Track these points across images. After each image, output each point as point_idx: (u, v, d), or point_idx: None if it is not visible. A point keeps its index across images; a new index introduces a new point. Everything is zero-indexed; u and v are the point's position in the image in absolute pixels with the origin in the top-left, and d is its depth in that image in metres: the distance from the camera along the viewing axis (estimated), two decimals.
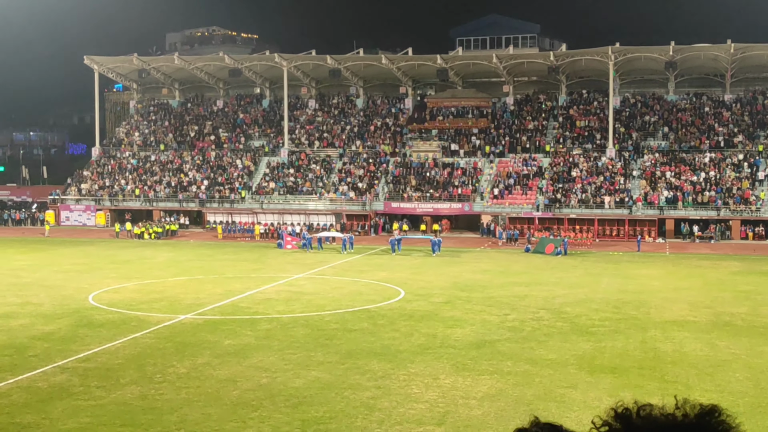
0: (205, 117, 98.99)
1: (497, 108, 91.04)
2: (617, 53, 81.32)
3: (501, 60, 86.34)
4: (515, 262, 56.96)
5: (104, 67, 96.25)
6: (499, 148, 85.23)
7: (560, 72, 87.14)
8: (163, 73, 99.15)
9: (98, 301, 39.31)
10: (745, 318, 35.09)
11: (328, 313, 35.95)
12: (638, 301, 39.53)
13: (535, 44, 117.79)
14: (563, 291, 42.85)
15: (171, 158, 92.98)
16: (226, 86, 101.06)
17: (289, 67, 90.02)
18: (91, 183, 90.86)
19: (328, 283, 46.25)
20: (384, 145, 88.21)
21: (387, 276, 48.75)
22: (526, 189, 78.88)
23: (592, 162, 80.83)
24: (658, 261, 57.88)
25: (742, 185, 74.83)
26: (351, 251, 62.09)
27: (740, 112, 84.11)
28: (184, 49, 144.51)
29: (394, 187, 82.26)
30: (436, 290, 42.99)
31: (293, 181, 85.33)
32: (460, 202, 78.99)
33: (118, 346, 29.31)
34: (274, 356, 27.61)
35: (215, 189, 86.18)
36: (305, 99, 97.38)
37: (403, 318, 34.81)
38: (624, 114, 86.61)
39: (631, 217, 74.12)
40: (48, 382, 24.25)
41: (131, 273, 50.43)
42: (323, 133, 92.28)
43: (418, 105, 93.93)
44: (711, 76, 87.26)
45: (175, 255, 61.29)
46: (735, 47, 78.85)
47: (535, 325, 33.27)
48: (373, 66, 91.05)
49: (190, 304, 38.14)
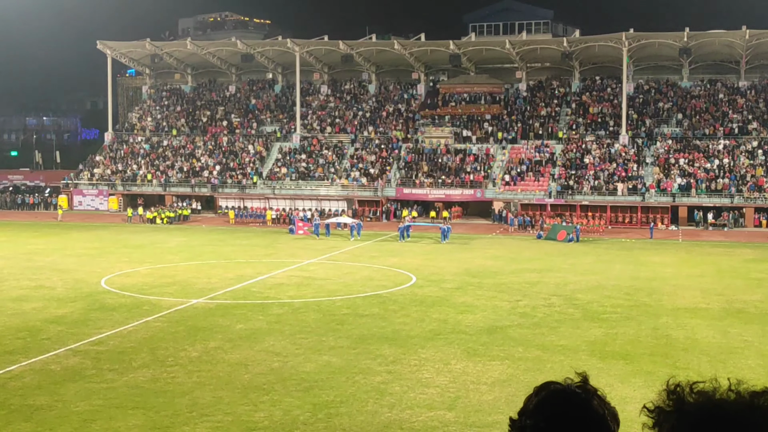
0: (218, 102, 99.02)
1: (510, 94, 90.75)
2: (631, 39, 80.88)
3: (514, 46, 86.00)
4: (527, 249, 56.86)
5: (117, 52, 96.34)
6: (511, 134, 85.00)
7: (573, 58, 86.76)
8: (175, 58, 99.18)
9: (110, 285, 39.45)
10: (757, 305, 34.96)
11: (339, 298, 35.98)
12: (650, 288, 39.42)
13: (549, 30, 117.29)
14: (575, 278, 42.75)
15: (183, 143, 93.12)
16: (238, 71, 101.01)
17: (302, 53, 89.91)
18: (103, 168, 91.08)
19: (340, 268, 46.26)
20: (396, 131, 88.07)
21: (398, 262, 48.75)
22: (538, 175, 78.68)
23: (605, 149, 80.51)
24: (670, 248, 57.68)
25: (756, 172, 74.45)
26: (359, 238, 61.64)
27: (755, 99, 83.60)
28: (196, 35, 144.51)
29: (406, 173, 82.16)
30: (447, 276, 42.96)
31: (305, 167, 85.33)
32: (472, 189, 78.85)
33: (130, 329, 29.41)
34: (286, 340, 27.66)
35: (227, 174, 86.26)
36: (317, 84, 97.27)
37: (414, 303, 34.81)
38: (637, 100, 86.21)
39: (643, 204, 73.86)
40: (61, 364, 24.36)
41: (143, 257, 50.56)
42: (335, 118, 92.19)
43: (431, 91, 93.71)
44: (725, 63, 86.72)
45: (187, 240, 61.43)
46: (750, 33, 78.29)
47: (546, 312, 33.22)
48: (385, 51, 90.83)
49: (202, 289, 38.23)
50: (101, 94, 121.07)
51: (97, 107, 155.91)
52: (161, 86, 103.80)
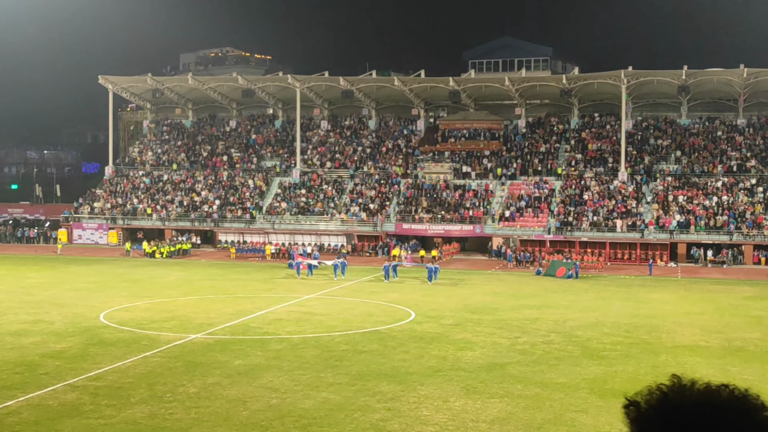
0: (218, 137, 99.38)
1: (509, 130, 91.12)
2: (630, 77, 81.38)
3: (513, 83, 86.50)
4: (526, 285, 56.82)
5: (118, 86, 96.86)
6: (510, 170, 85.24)
7: (572, 95, 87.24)
8: (176, 92, 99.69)
9: (109, 319, 39.39)
10: (757, 344, 34.89)
11: (338, 334, 35.91)
12: (650, 325, 39.36)
13: (548, 67, 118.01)
14: (574, 314, 42.70)
15: (183, 178, 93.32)
16: (239, 106, 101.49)
17: (302, 88, 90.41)
18: (103, 202, 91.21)
19: (339, 303, 46.21)
20: (396, 167, 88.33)
21: (398, 297, 48.70)
22: (537, 212, 78.80)
23: (604, 185, 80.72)
24: (669, 285, 57.64)
25: (755, 210, 74.58)
26: (343, 277, 58.22)
27: (753, 136, 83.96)
28: (197, 70, 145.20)
29: (405, 208, 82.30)
30: (446, 312, 42.90)
31: (305, 202, 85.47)
32: (472, 224, 78.94)
33: (128, 364, 29.33)
34: (284, 377, 27.58)
35: (227, 209, 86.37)
36: (318, 120, 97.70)
37: (414, 340, 34.74)
38: (636, 137, 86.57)
39: (642, 240, 73.91)
40: (58, 400, 24.27)
41: (142, 292, 50.52)
42: (335, 153, 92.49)
43: (430, 127, 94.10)
44: (724, 101, 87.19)
45: (187, 274, 61.39)
46: (748, 72, 78.80)
47: (545, 349, 33.15)
48: (385, 87, 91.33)
49: (201, 324, 38.17)
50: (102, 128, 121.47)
51: (98, 141, 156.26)
52: (162, 121, 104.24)
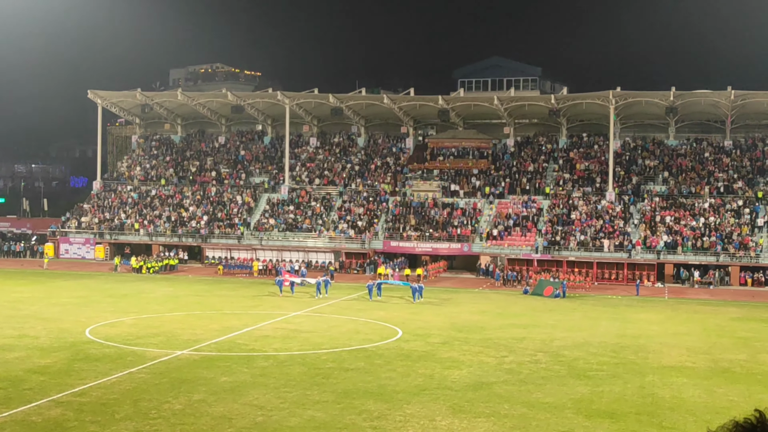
0: (207, 153, 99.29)
1: (498, 149, 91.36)
2: (618, 97, 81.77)
3: (502, 102, 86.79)
4: (513, 304, 56.84)
5: (108, 101, 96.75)
6: (498, 189, 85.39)
7: (561, 115, 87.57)
8: (165, 108, 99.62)
9: (95, 335, 39.21)
10: (743, 365, 34.97)
11: (325, 352, 35.83)
12: (636, 345, 39.42)
13: (537, 87, 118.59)
14: (561, 334, 42.74)
15: (171, 193, 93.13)
16: (228, 122, 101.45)
17: (292, 105, 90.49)
18: (90, 216, 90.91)
19: (326, 321, 46.13)
20: (384, 184, 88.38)
21: (385, 315, 48.64)
22: (525, 231, 78.90)
23: (592, 205, 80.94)
24: (656, 305, 57.76)
25: (742, 231, 74.88)
26: (326, 296, 57.44)
27: (740, 158, 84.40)
28: (187, 85, 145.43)
29: (393, 226, 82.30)
30: (433, 330, 42.87)
31: (293, 218, 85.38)
32: (459, 243, 78.99)
33: (113, 380, 29.19)
34: (270, 394, 27.49)
35: (215, 224, 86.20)
36: (307, 137, 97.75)
37: (400, 358, 34.69)
38: (624, 158, 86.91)
39: (630, 260, 74.07)
40: (42, 416, 24.11)
41: (129, 307, 50.32)
42: (324, 170, 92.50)
43: (419, 145, 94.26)
44: (711, 122, 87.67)
45: (173, 290, 61.18)
46: (735, 94, 79.29)
47: (532, 368, 33.15)
48: (374, 105, 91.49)
49: (187, 340, 38.04)
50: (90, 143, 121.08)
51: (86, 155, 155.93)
52: (151, 136, 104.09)
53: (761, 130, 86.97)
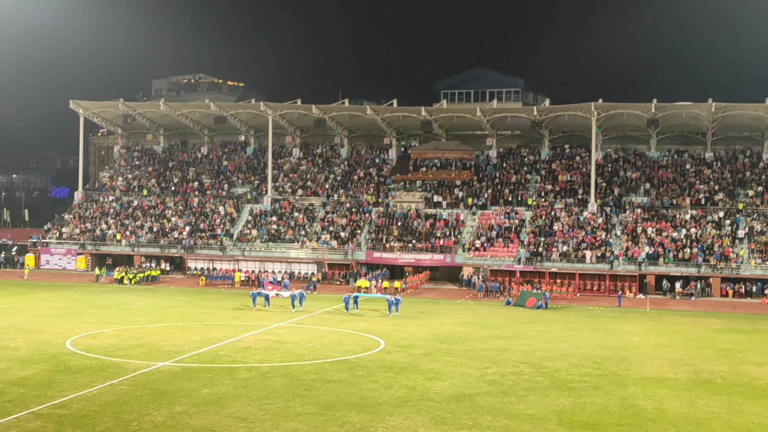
0: (189, 163, 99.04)
1: (480, 161, 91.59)
2: (600, 109, 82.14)
3: (485, 113, 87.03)
4: (496, 315, 56.90)
5: (90, 111, 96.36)
6: (481, 200, 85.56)
7: (543, 126, 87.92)
8: (148, 118, 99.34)
9: (76, 346, 38.98)
10: (724, 376, 35.13)
11: (308, 363, 35.75)
12: (618, 357, 39.54)
13: (519, 98, 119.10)
14: (544, 345, 42.81)
15: (154, 204, 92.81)
16: (210, 133, 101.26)
17: (274, 116, 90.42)
18: (72, 227, 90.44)
19: (308, 332, 46.04)
20: (367, 195, 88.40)
21: (367, 326, 48.59)
22: (507, 242, 79.06)
23: (574, 216, 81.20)
24: (638, 317, 57.94)
25: (723, 243, 75.29)
26: (300, 309, 56.11)
27: (721, 170, 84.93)
28: (170, 96, 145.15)
29: (376, 236, 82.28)
30: (416, 342, 42.86)
31: (275, 229, 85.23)
32: (442, 254, 79.04)
33: (94, 392, 29.01)
34: (252, 406, 27.39)
35: (197, 235, 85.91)
36: (289, 147, 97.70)
37: (383, 369, 34.66)
38: (606, 169, 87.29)
39: (612, 272, 74.31)
40: (22, 428, 23.93)
41: (110, 318, 50.07)
42: (307, 181, 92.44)
43: (402, 156, 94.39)
44: (692, 134, 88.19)
45: (155, 301, 60.90)
46: (716, 106, 79.82)
47: (515, 379, 33.19)
48: (357, 116, 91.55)
49: (169, 351, 37.87)
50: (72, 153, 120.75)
51: (68, 166, 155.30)
52: (133, 146, 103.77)
53: (742, 142, 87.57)
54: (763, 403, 30.06)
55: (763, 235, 75.54)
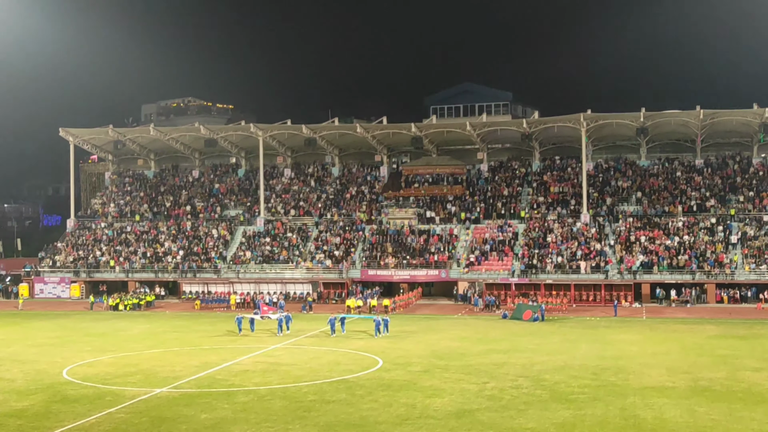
0: (181, 187, 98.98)
1: (472, 175, 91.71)
2: (589, 120, 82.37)
3: (474, 128, 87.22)
4: (493, 329, 56.85)
5: (80, 138, 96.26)
6: (474, 214, 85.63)
7: (533, 139, 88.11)
8: (138, 144, 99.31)
9: (72, 375, 38.81)
10: (723, 383, 35.12)
11: (306, 384, 35.64)
12: (617, 367, 39.52)
13: (508, 111, 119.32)
14: (542, 358, 42.78)
15: (146, 229, 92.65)
16: (201, 156, 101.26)
17: (265, 137, 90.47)
18: (65, 255, 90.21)
19: (306, 353, 45.92)
20: (360, 213, 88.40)
21: (364, 345, 48.50)
22: (502, 255, 79.08)
23: (567, 227, 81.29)
24: (635, 326, 57.96)
25: (716, 249, 75.44)
26: (288, 333, 54.36)
27: (711, 176, 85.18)
28: (159, 120, 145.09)
29: (370, 254, 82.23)
30: (414, 359, 42.78)
31: (269, 250, 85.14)
32: (437, 269, 78.99)
33: (92, 422, 28.88)
34: (251, 430, 27.30)
35: (191, 259, 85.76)
36: (281, 168, 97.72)
37: (382, 388, 34.58)
38: (597, 179, 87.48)
39: (607, 281, 74.36)
40: None
41: (106, 346, 49.88)
42: (299, 201, 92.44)
43: (394, 173, 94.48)
44: (682, 142, 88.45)
45: (151, 327, 60.71)
46: (704, 113, 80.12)
47: (514, 393, 33.13)
48: (348, 135, 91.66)
49: (166, 377, 37.73)
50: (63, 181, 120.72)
51: (59, 193, 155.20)
52: (124, 172, 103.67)
53: (731, 148, 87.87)
54: (763, 409, 30.07)
55: (756, 240, 75.72)
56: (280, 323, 55.28)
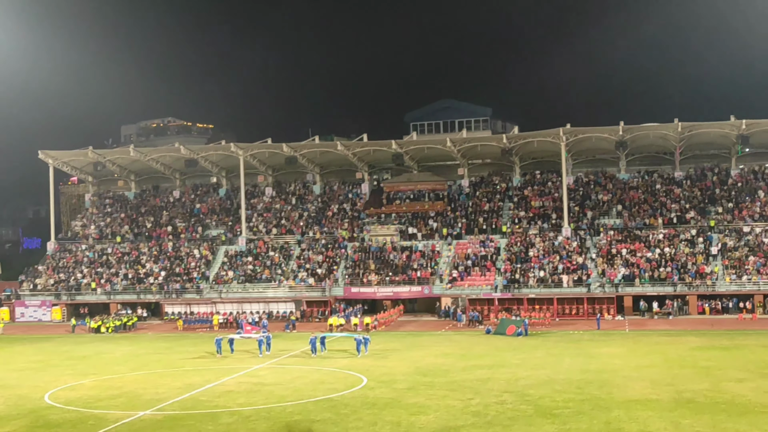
0: (162, 207, 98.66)
1: (453, 191, 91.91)
2: (568, 134, 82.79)
3: (455, 144, 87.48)
4: (477, 345, 56.87)
5: (59, 161, 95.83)
6: (456, 230, 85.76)
7: (513, 154, 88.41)
8: (118, 165, 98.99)
9: (55, 399, 38.52)
10: (706, 395, 35.26)
11: (290, 404, 35.52)
12: (601, 380, 39.60)
13: (488, 127, 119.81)
14: (526, 372, 42.82)
15: (128, 250, 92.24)
16: (182, 176, 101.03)
17: (245, 156, 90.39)
18: (46, 278, 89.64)
19: (290, 372, 45.78)
20: (342, 231, 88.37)
21: (348, 363, 48.41)
22: (484, 270, 79.21)
23: (549, 241, 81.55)
24: (618, 339, 58.13)
25: (697, 260, 75.84)
26: (268, 353, 53.52)
27: (691, 188, 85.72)
28: (139, 141, 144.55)
29: (353, 271, 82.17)
30: (398, 376, 42.73)
31: (252, 270, 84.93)
32: (420, 285, 79.02)
33: None
34: None
35: (173, 279, 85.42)
36: (262, 187, 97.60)
37: (366, 406, 34.50)
38: (578, 193, 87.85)
39: (589, 295, 74.60)
40: None
41: (88, 369, 49.55)
42: (281, 220, 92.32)
43: (375, 189, 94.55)
44: (661, 154, 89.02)
45: (134, 349, 60.36)
46: (682, 126, 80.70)
47: (499, 409, 33.13)
48: (329, 152, 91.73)
49: (150, 400, 37.51)
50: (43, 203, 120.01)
51: (39, 216, 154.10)
52: (104, 193, 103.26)
53: (709, 160, 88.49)
54: (747, 420, 30.19)
55: (736, 251, 76.20)
56: (260, 343, 54.52)
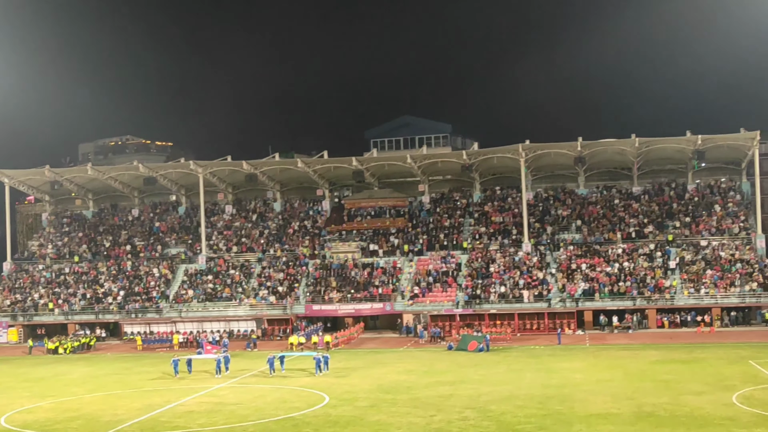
0: (120, 226, 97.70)
1: (414, 207, 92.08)
2: (527, 150, 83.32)
3: (415, 160, 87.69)
4: (439, 361, 56.89)
5: (15, 180, 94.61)
6: (417, 246, 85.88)
7: (473, 170, 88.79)
8: (76, 184, 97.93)
9: (11, 423, 37.89)
10: (666, 408, 35.54)
11: (251, 424, 35.25)
12: (562, 395, 39.76)
13: (448, 143, 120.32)
14: (488, 388, 42.89)
15: (86, 270, 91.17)
16: (141, 195, 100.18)
17: (205, 174, 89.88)
18: (1, 298, 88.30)
19: (250, 391, 45.44)
20: (303, 248, 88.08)
21: (310, 381, 48.19)
22: (446, 286, 79.34)
23: (509, 257, 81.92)
24: (578, 353, 58.46)
25: (656, 274, 76.56)
26: (227, 373, 52.97)
27: (648, 203, 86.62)
28: (97, 159, 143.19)
29: (314, 289, 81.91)
30: (360, 394, 42.59)
31: (212, 288, 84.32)
32: (381, 302, 78.95)
33: None
34: None
35: (132, 299, 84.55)
36: (222, 205, 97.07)
37: (328, 425, 34.32)
38: (538, 208, 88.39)
39: (550, 310, 74.99)
40: None
41: (46, 391, 48.81)
42: (241, 238, 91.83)
43: (336, 206, 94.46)
44: (619, 170, 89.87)
45: (92, 370, 59.59)
46: (639, 141, 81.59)
47: (461, 426, 33.12)
48: (289, 170, 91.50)
49: (108, 421, 37.04)
50: None
51: None
52: (61, 212, 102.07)
53: (666, 175, 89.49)
54: None
55: (693, 265, 77.05)
56: (218, 363, 53.76)
